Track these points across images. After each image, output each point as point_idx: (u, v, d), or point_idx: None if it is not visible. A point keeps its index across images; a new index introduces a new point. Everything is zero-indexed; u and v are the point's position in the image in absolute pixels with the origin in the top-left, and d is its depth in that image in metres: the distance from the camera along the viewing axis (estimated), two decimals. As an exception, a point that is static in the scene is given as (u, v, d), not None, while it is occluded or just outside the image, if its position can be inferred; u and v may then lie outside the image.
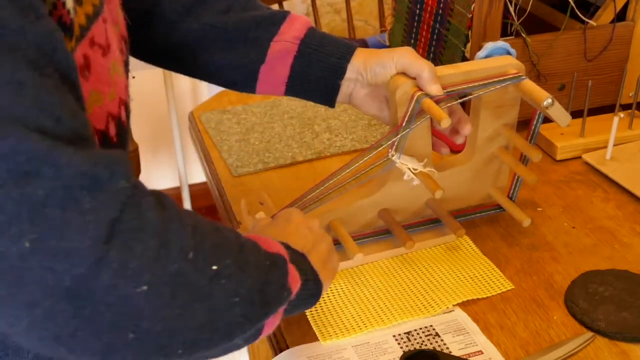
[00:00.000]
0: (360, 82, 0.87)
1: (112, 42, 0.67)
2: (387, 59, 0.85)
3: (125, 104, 0.70)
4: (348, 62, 0.86)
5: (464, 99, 0.87)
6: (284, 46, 0.87)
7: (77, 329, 0.50)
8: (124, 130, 0.69)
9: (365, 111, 0.90)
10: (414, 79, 0.84)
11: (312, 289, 0.73)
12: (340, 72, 0.86)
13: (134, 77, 0.78)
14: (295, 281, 0.68)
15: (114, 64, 0.67)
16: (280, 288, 0.65)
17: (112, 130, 0.66)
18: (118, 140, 0.67)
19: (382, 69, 0.85)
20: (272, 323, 0.67)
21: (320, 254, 0.76)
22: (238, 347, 0.64)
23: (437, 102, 0.83)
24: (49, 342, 0.51)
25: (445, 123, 0.80)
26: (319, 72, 0.87)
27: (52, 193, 0.47)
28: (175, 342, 0.55)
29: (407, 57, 0.84)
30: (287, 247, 0.71)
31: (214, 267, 0.56)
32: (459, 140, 0.90)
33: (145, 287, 0.51)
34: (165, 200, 0.56)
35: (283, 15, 0.88)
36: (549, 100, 0.83)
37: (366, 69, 0.86)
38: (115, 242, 0.49)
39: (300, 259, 0.72)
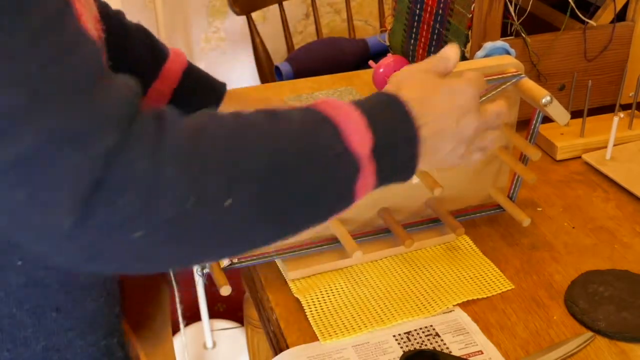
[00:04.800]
0: None
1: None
2: None
3: None
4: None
5: None
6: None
7: (89, 259, 0.53)
8: None
9: None
10: None
11: (399, 179, 0.64)
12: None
13: None
14: (366, 186, 0.61)
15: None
16: (333, 201, 0.60)
17: None
18: None
19: None
20: (337, 214, 0.62)
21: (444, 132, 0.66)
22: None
23: None
24: (70, 266, 0.55)
25: None
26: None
27: (33, 153, 0.48)
28: (191, 262, 0.58)
29: None
30: (394, 128, 0.62)
31: (227, 202, 0.52)
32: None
33: (140, 232, 0.51)
34: (166, 136, 0.52)
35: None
36: (548, 98, 0.83)
37: None
38: (98, 199, 0.49)
39: (403, 141, 0.62)
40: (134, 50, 0.87)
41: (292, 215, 0.58)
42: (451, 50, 0.72)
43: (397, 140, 0.62)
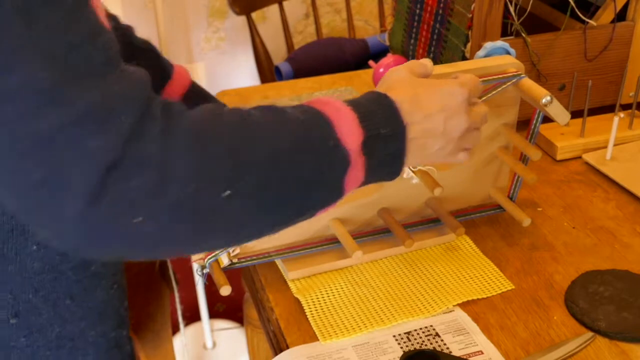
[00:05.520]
0: None
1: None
2: None
3: None
4: None
5: None
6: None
7: (90, 244, 0.54)
8: None
9: None
10: None
11: (387, 175, 0.68)
12: None
13: None
14: (355, 180, 0.64)
15: None
16: (325, 194, 0.62)
17: None
18: None
19: None
20: (326, 209, 0.64)
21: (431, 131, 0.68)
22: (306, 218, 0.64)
23: None
24: (74, 249, 0.56)
25: None
26: None
27: (56, 132, 0.49)
28: (186, 250, 0.59)
29: None
30: (383, 124, 0.64)
31: (226, 192, 0.55)
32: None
33: (140, 218, 0.52)
34: (175, 123, 0.54)
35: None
36: (548, 98, 0.83)
37: None
38: (113, 180, 0.51)
39: (391, 137, 0.65)
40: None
41: (285, 208, 0.60)
42: (425, 60, 0.76)
43: (385, 136, 0.64)
